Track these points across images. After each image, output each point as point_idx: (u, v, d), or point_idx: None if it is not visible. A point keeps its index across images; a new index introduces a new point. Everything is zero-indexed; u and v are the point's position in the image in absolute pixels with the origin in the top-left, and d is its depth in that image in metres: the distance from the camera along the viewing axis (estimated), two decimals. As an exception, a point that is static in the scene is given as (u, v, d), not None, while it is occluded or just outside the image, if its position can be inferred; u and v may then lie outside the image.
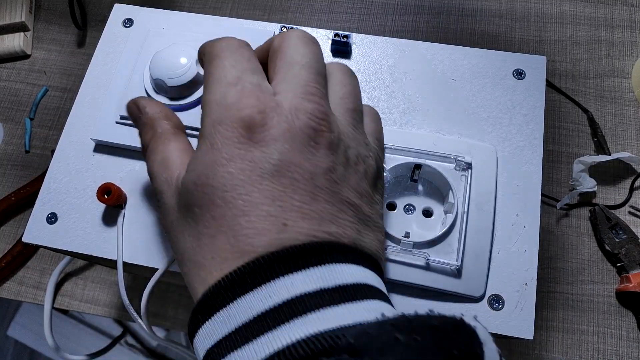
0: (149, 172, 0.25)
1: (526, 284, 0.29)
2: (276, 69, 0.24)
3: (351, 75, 0.27)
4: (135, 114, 0.27)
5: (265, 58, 0.26)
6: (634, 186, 0.50)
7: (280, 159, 0.21)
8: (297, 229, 0.20)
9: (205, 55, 0.25)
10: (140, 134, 0.27)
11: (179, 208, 0.23)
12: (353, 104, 0.25)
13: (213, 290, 0.20)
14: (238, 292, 0.19)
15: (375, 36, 0.36)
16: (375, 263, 0.23)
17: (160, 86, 0.31)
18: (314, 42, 0.25)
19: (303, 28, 0.38)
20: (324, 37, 0.36)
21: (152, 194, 0.32)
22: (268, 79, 0.24)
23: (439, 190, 0.32)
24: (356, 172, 0.23)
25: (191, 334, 0.21)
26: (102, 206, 0.32)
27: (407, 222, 0.31)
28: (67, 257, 0.50)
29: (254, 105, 0.21)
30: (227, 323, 0.19)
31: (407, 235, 0.30)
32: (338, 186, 0.22)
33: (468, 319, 0.18)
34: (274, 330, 0.18)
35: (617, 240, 0.47)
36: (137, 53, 0.35)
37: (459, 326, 0.17)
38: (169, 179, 0.24)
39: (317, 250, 0.20)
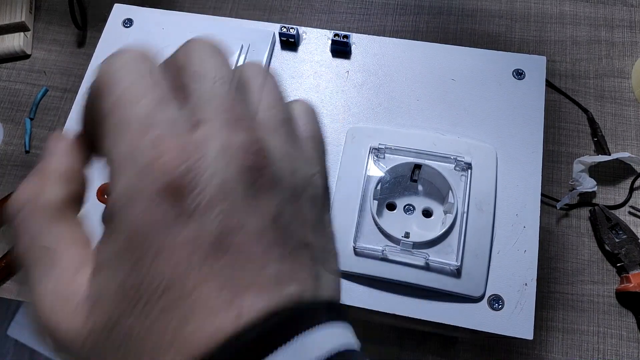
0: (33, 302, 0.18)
1: (526, 284, 0.29)
2: (187, 90, 0.20)
3: (269, 77, 0.21)
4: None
5: (174, 72, 0.21)
6: (634, 186, 0.50)
7: (221, 227, 0.17)
8: (255, 308, 0.17)
9: (96, 88, 0.19)
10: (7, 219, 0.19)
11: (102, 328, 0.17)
12: (282, 112, 0.21)
13: None
14: None
15: (375, 36, 0.36)
16: (336, 305, 0.20)
17: None
18: (220, 51, 0.20)
19: (303, 28, 0.38)
20: (324, 37, 0.36)
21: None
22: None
23: (438, 190, 0.32)
24: (306, 201, 0.20)
25: None
26: (102, 206, 0.32)
27: (407, 222, 0.31)
28: (67, 257, 0.50)
29: (178, 164, 0.17)
30: None
31: (407, 235, 0.30)
32: (289, 230, 0.18)
33: None
34: None
35: (617, 240, 0.47)
36: (137, 53, 0.35)
37: None
38: (69, 316, 0.17)
39: (282, 325, 0.17)
